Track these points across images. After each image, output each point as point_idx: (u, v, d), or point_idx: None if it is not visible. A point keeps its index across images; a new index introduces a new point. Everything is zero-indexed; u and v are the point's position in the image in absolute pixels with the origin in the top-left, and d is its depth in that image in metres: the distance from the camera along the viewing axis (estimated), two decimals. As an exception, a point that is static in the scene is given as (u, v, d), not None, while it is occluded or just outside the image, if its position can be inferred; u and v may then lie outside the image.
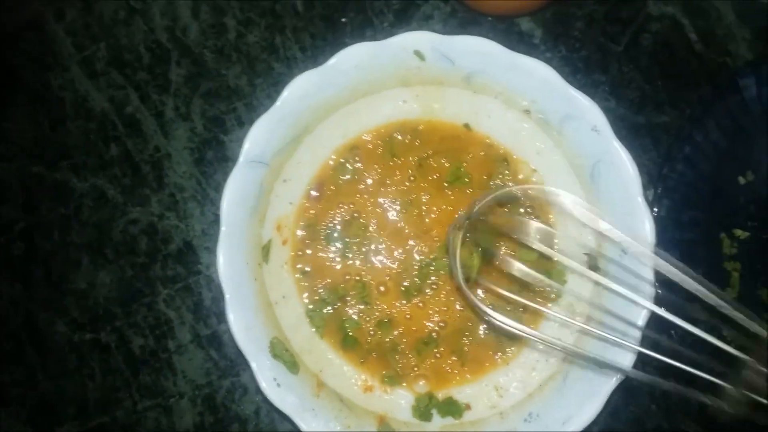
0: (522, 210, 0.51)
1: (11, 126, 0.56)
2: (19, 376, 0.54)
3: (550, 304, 0.50)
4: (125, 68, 0.56)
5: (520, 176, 0.51)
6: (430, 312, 0.51)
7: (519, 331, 0.42)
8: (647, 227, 0.45)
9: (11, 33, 0.57)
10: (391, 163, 0.52)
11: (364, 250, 0.51)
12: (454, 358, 0.50)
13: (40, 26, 0.56)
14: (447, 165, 0.51)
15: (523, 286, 0.50)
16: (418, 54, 0.47)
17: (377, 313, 0.51)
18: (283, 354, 0.46)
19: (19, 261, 0.55)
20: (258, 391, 0.53)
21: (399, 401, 0.49)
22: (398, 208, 0.51)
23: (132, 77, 0.56)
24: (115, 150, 0.55)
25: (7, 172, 0.55)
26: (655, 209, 0.52)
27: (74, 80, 0.56)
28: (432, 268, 0.51)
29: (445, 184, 0.51)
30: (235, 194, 0.46)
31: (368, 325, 0.51)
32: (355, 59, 0.47)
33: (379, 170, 0.52)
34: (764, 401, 0.42)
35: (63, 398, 0.54)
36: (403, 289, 0.50)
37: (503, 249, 0.51)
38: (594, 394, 0.44)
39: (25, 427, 0.53)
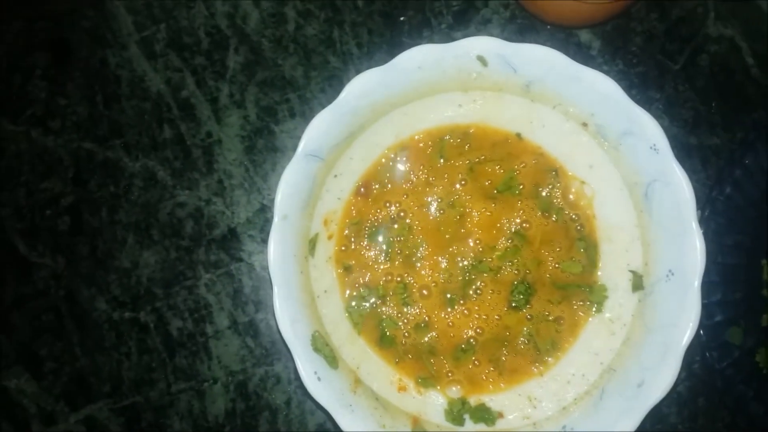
0: (568, 220, 0.51)
1: (66, 102, 0.56)
2: (55, 351, 0.54)
3: (590, 316, 0.50)
4: (184, 51, 0.56)
5: (571, 189, 0.51)
6: (470, 320, 0.51)
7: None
8: (698, 252, 0.44)
9: (72, 9, 0.57)
10: (440, 166, 0.52)
11: (407, 251, 0.51)
12: (491, 368, 0.50)
13: (101, 4, 0.57)
14: (500, 172, 0.51)
15: (564, 297, 0.51)
16: (481, 59, 0.47)
17: (416, 316, 0.51)
18: (323, 348, 0.46)
19: (64, 235, 0.55)
20: (290, 381, 0.54)
21: (432, 403, 0.49)
22: (444, 211, 0.52)
23: (190, 61, 0.56)
24: (168, 132, 0.56)
25: (57, 146, 0.56)
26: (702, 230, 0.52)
27: (132, 59, 0.56)
28: (474, 276, 0.51)
29: (495, 192, 0.51)
30: (290, 186, 0.46)
31: (406, 327, 0.51)
32: (418, 60, 0.47)
33: (427, 172, 0.52)
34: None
35: (98, 375, 0.54)
36: (449, 296, 0.50)
37: (549, 260, 0.51)
38: (630, 413, 0.44)
39: (57, 403, 0.54)
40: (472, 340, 0.51)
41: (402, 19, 0.56)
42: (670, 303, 0.45)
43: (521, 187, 0.52)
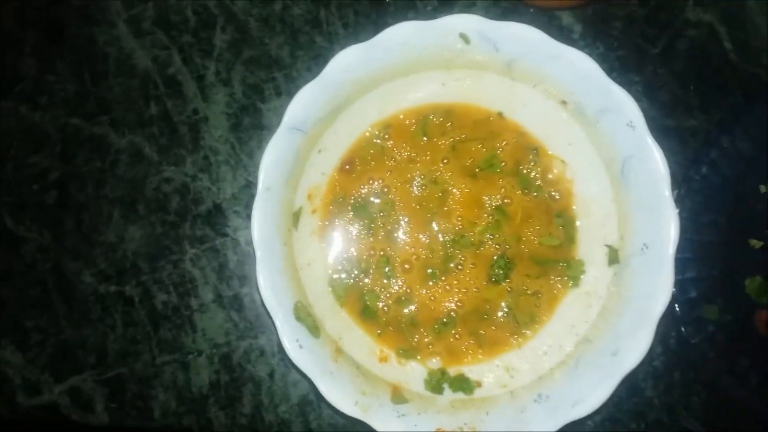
0: (547, 196, 0.52)
1: (54, 78, 0.57)
2: (42, 323, 0.55)
3: (568, 290, 0.51)
4: (171, 30, 0.57)
5: (551, 167, 0.52)
6: (450, 293, 0.52)
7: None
8: (672, 224, 0.46)
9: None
10: (423, 143, 0.53)
11: (389, 227, 0.52)
12: (471, 341, 0.51)
13: (90, -18, 0.58)
14: (482, 150, 0.52)
15: (542, 272, 0.52)
16: (464, 37, 0.48)
17: (398, 289, 0.52)
18: (306, 318, 0.47)
19: (51, 209, 0.56)
20: (273, 354, 0.54)
21: (412, 373, 0.50)
22: (427, 188, 0.53)
23: (177, 39, 0.57)
24: (155, 109, 0.57)
25: (45, 122, 0.57)
26: (677, 209, 0.53)
27: (120, 37, 0.57)
28: (455, 251, 0.52)
29: (477, 169, 0.52)
30: (274, 157, 0.47)
31: (388, 300, 0.52)
32: (401, 37, 0.48)
33: (410, 149, 0.53)
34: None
35: (83, 347, 0.55)
36: (430, 271, 0.51)
37: (529, 235, 0.52)
38: (605, 379, 0.45)
39: (42, 373, 0.55)
40: (452, 313, 0.52)
41: (387, 0, 0.57)
42: (645, 275, 0.47)
43: (503, 164, 0.53)
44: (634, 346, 0.45)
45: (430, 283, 0.52)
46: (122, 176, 0.56)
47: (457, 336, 0.52)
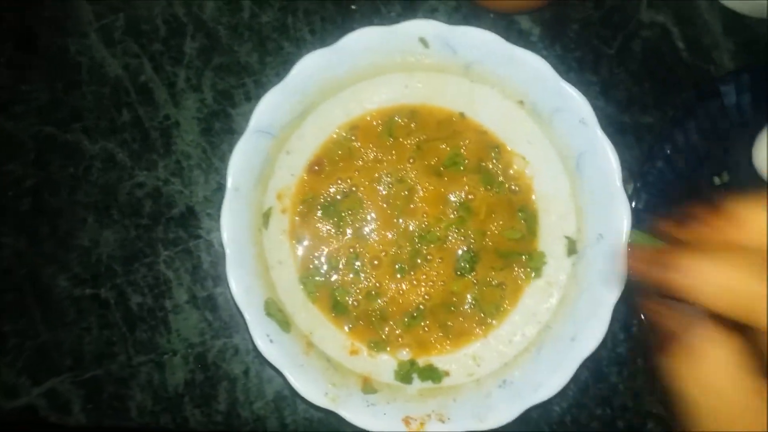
0: (509, 191, 0.54)
1: (27, 87, 0.58)
2: (18, 326, 0.56)
3: (530, 280, 0.53)
4: (141, 38, 0.59)
5: (512, 163, 0.54)
6: (418, 287, 0.54)
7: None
8: (624, 214, 0.48)
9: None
10: (389, 144, 0.55)
11: (358, 224, 0.54)
12: (439, 333, 0.53)
13: (62, -7, 0.59)
14: (446, 149, 0.54)
15: (506, 264, 0.54)
16: (423, 41, 0.50)
17: (367, 284, 0.54)
18: (276, 313, 0.49)
19: (26, 215, 0.57)
20: (248, 352, 0.56)
21: (383, 365, 0.52)
22: (393, 186, 0.54)
23: (147, 47, 0.58)
24: (127, 116, 0.58)
25: (20, 131, 0.58)
26: (633, 203, 0.56)
27: (91, 47, 0.59)
28: (422, 246, 0.54)
29: (441, 168, 0.54)
30: (242, 160, 0.48)
31: (358, 295, 0.53)
32: (363, 42, 0.49)
33: (376, 150, 0.55)
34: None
35: (59, 349, 0.56)
36: (398, 266, 0.53)
37: (492, 230, 0.54)
38: (564, 365, 0.47)
39: (20, 376, 0.55)
40: (421, 306, 0.53)
41: (353, 7, 0.59)
42: (601, 264, 0.49)
43: (466, 162, 0.55)
44: (591, 331, 0.47)
45: (399, 278, 0.54)
46: (96, 182, 0.57)
47: (426, 328, 0.53)
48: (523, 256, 0.53)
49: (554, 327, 0.50)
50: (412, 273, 0.54)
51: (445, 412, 0.49)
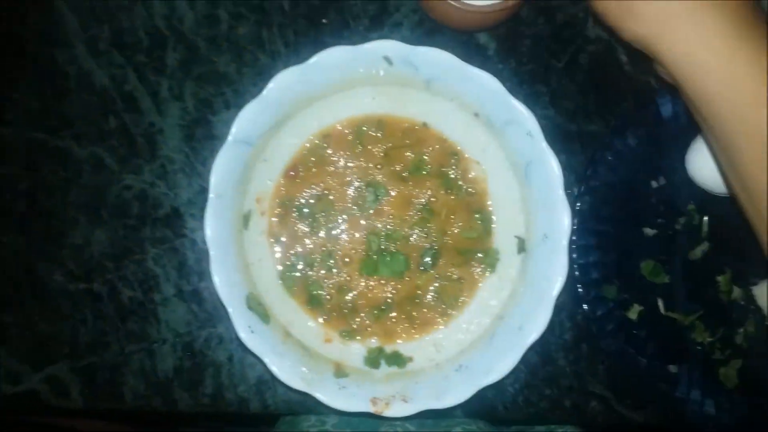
0: (466, 194, 0.60)
1: (19, 96, 0.62)
2: (18, 318, 0.61)
3: (486, 275, 0.59)
4: (126, 50, 0.62)
5: (469, 169, 0.60)
6: (386, 283, 0.60)
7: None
8: (566, 217, 0.54)
9: (21, 10, 0.62)
10: (358, 151, 0.60)
11: (330, 225, 0.59)
12: (405, 324, 0.59)
13: (49, 5, 0.62)
14: (410, 156, 0.60)
15: (464, 261, 0.60)
16: (387, 59, 0.55)
17: (340, 279, 0.59)
18: (257, 307, 0.54)
19: (22, 216, 0.61)
20: (231, 341, 0.61)
21: (353, 352, 0.58)
22: (363, 190, 0.60)
23: (132, 58, 0.62)
24: (114, 123, 0.62)
25: (13, 137, 0.62)
26: (578, 204, 0.62)
27: (79, 57, 0.62)
28: (389, 243, 0.59)
29: (406, 173, 0.60)
30: (222, 168, 0.53)
31: (331, 290, 0.59)
32: (333, 59, 0.54)
33: (347, 156, 0.60)
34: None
35: (57, 339, 0.61)
36: (364, 263, 0.59)
37: (453, 229, 0.60)
38: (512, 350, 0.53)
39: (22, 363, 0.61)
40: (389, 300, 0.59)
41: (324, 21, 0.64)
42: (545, 261, 0.55)
43: (429, 168, 0.60)
44: (537, 321, 0.54)
45: (368, 274, 0.59)
46: (86, 185, 0.62)
47: (393, 319, 0.59)
48: (479, 254, 0.60)
49: (505, 317, 0.57)
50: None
51: (408, 393, 0.55)
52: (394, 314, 0.59)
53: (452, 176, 0.60)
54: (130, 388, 0.61)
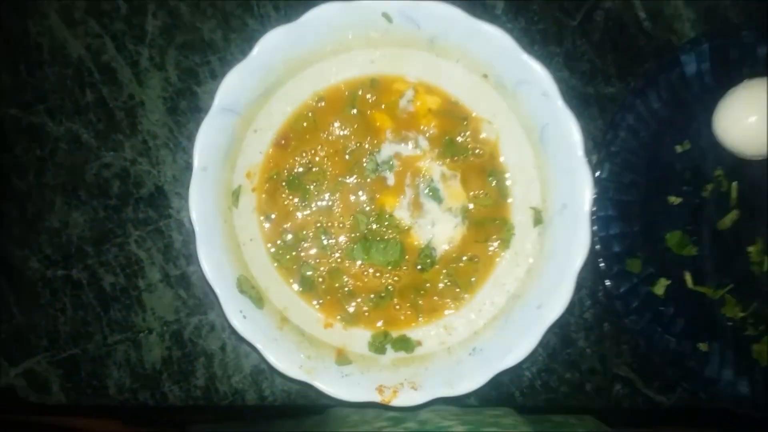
0: (477, 159, 0.55)
1: (-12, 69, 0.58)
2: (-8, 310, 0.56)
3: (501, 252, 0.54)
4: (102, 18, 0.58)
5: (480, 131, 0.55)
6: (382, 273, 0.55)
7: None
8: (587, 184, 0.49)
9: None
10: (352, 117, 0.55)
11: (323, 197, 0.54)
12: (409, 312, 0.55)
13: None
14: (417, 123, 0.55)
15: (479, 237, 0.55)
16: (386, 16, 0.50)
17: (334, 260, 0.54)
18: (249, 290, 0.50)
19: (-7, 199, 0.57)
20: (224, 328, 0.57)
21: (357, 336, 0.54)
22: (358, 159, 0.55)
23: (109, 26, 0.58)
24: (90, 96, 0.58)
25: (-18, 113, 0.57)
26: (598, 172, 0.57)
27: (52, 27, 0.58)
28: (387, 223, 0.55)
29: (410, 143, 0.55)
30: (208, 138, 0.48)
31: (323, 272, 0.54)
32: (326, 17, 0.49)
33: (341, 123, 0.55)
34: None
35: (35, 331, 0.56)
36: (360, 243, 0.54)
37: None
38: (531, 331, 0.49)
39: (-3, 359, 0.56)
40: (389, 287, 0.54)
41: (317, -19, 0.59)
42: (565, 232, 0.50)
43: (435, 131, 0.55)
44: (557, 298, 0.49)
45: (366, 256, 0.54)
46: (62, 163, 0.57)
47: (397, 306, 0.55)
48: (497, 222, 0.54)
49: (522, 295, 0.52)
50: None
51: (417, 380, 0.50)
52: (397, 301, 0.54)
53: (461, 141, 0.55)
54: (114, 381, 0.56)
